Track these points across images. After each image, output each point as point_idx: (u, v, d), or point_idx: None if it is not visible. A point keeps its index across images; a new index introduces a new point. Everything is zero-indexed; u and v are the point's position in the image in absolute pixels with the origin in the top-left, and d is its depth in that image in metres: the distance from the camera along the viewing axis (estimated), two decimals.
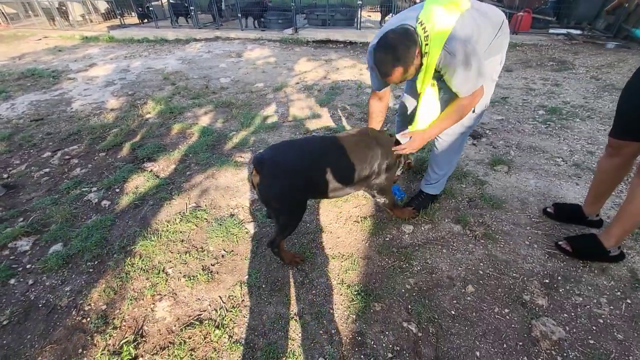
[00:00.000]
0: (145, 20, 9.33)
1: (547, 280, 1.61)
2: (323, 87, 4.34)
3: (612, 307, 1.48)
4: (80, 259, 1.84)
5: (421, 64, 1.48)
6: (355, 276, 1.68)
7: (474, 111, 1.72)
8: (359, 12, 7.24)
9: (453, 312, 1.48)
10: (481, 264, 1.72)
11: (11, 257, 1.88)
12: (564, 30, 6.35)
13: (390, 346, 1.37)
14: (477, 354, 1.33)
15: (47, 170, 2.72)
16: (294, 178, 1.45)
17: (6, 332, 1.49)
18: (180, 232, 2.00)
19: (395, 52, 1.37)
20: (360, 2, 7.03)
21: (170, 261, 1.80)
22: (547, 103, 3.54)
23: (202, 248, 1.88)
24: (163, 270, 1.75)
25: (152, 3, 9.34)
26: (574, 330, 1.39)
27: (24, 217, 2.18)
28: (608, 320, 1.43)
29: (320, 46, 6.79)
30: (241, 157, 2.77)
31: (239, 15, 7.76)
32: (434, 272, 1.69)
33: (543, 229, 1.92)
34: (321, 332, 1.43)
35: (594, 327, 1.40)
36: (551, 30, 6.52)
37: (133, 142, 3.08)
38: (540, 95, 3.78)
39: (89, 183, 2.51)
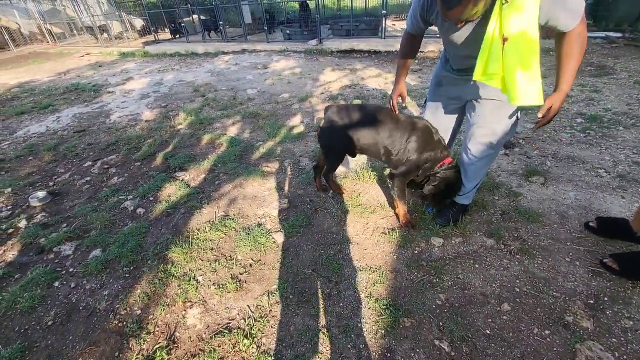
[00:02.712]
0: (178, 36, 9.84)
1: (591, 301, 1.51)
2: (348, 97, 4.36)
3: None
4: (117, 264, 1.92)
5: (493, 2, 1.20)
6: (384, 290, 1.65)
7: (518, 117, 1.62)
8: (384, 22, 7.25)
9: (488, 332, 1.41)
10: (517, 281, 1.64)
11: (56, 261, 2.00)
12: (602, 34, 6.04)
13: None
14: None
15: (88, 179, 2.89)
16: (337, 135, 1.97)
17: (51, 333, 1.58)
18: (210, 240, 2.05)
19: None
20: (384, 11, 7.05)
21: (201, 269, 1.85)
22: (586, 111, 3.36)
23: (231, 257, 1.92)
24: (194, 278, 1.79)
25: (184, 19, 9.84)
26: (625, 357, 1.28)
27: (67, 223, 2.33)
28: None
29: (345, 56, 6.85)
30: (268, 167, 2.82)
31: (265, 27, 8.00)
32: (467, 288, 1.62)
33: (585, 245, 1.80)
34: (350, 346, 1.41)
35: None
36: (588, 34, 6.20)
37: (166, 152, 3.22)
38: (578, 102, 3.59)
39: (126, 191, 2.64)
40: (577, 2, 1.20)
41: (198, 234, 2.10)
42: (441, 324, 1.46)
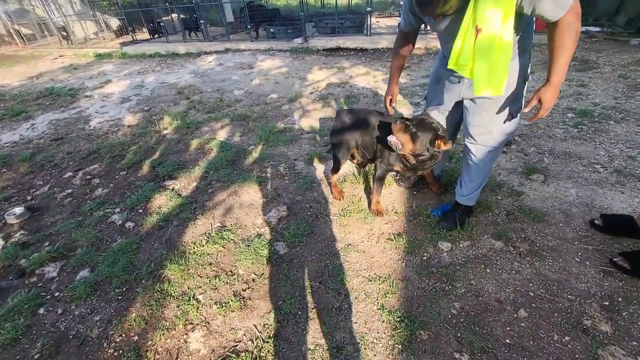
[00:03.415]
0: (156, 36, 9.49)
1: (606, 303, 1.49)
2: (338, 96, 4.28)
3: None
4: (108, 285, 1.78)
5: None
6: (396, 300, 1.58)
7: (513, 116, 1.60)
8: (369, 19, 7.20)
9: (508, 341, 1.37)
10: (530, 284, 1.61)
11: (39, 285, 1.84)
12: (583, 28, 6.17)
13: None
14: None
15: (69, 191, 2.70)
16: (342, 134, 2.11)
17: None
18: (208, 254, 1.93)
19: None
20: (369, 8, 6.99)
21: (200, 287, 1.74)
22: (576, 105, 3.40)
23: (231, 272, 1.81)
24: (193, 297, 1.68)
25: (163, 18, 9.50)
26: None
27: (49, 241, 2.16)
28: None
29: (331, 54, 6.76)
30: (262, 172, 2.71)
31: (249, 26, 7.81)
32: (480, 294, 1.58)
33: (593, 244, 1.79)
34: None
35: None
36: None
37: (152, 159, 3.06)
38: (567, 97, 3.64)
39: (112, 204, 2.48)
40: None
41: (194, 248, 1.98)
42: (459, 334, 1.41)
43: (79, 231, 2.19)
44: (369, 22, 7.19)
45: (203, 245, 1.99)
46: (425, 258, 1.80)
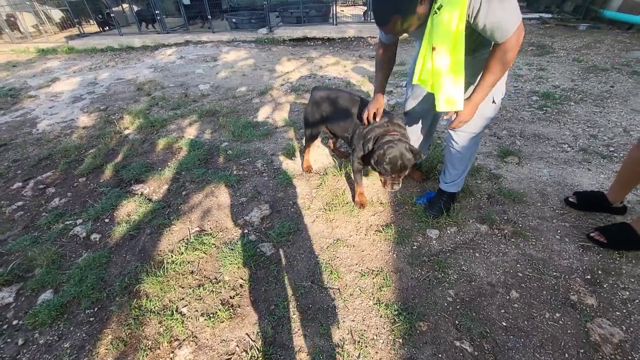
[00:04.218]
0: (107, 28, 8.77)
1: (588, 276, 1.56)
2: (310, 87, 4.17)
3: None
4: (77, 307, 1.60)
5: (429, 12, 1.24)
6: (391, 293, 1.56)
7: (494, 102, 1.62)
8: (334, 7, 7.10)
9: (504, 324, 1.39)
10: (518, 265, 1.64)
11: None
12: (536, 15, 6.49)
13: None
14: None
15: (20, 203, 2.41)
16: (315, 110, 2.17)
17: None
18: (188, 262, 1.80)
19: None
20: None
21: (183, 298, 1.61)
22: (538, 88, 3.56)
23: (216, 279, 1.70)
24: (177, 310, 1.55)
25: (113, 9, 8.77)
26: (631, 329, 1.33)
27: (0, 262, 1.90)
28: None
29: (298, 44, 6.60)
30: (239, 169, 2.57)
31: (209, 16, 7.42)
32: (473, 279, 1.59)
33: (570, 221, 1.87)
34: None
35: None
36: (524, 15, 6.64)
37: (115, 162, 2.81)
38: (529, 81, 3.80)
39: (73, 214, 2.24)
40: (516, 10, 1.20)
41: (172, 257, 1.83)
42: (457, 322, 1.41)
43: (35, 248, 1.95)
44: (334, 11, 7.09)
45: (182, 253, 1.84)
46: (415, 247, 1.79)
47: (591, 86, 3.49)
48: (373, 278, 1.64)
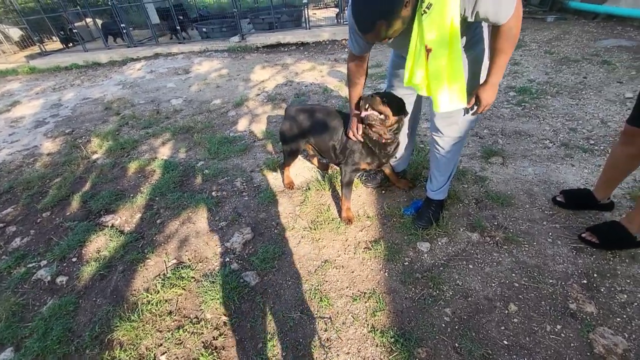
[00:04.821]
0: (70, 45, 8.39)
1: (585, 281, 1.51)
2: (287, 96, 4.07)
3: None
4: None
5: (413, 15, 1.19)
6: (386, 318, 1.47)
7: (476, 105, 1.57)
8: (306, 11, 7.01)
9: (505, 342, 1.32)
10: (513, 274, 1.59)
11: None
12: None
13: None
14: None
15: None
16: (290, 132, 2.10)
17: None
18: (166, 301, 1.66)
19: (376, 2, 1.11)
20: (305, 0, 6.80)
21: (162, 344, 1.47)
22: (515, 83, 3.57)
23: (197, 318, 1.56)
24: (155, 359, 1.41)
25: (75, 24, 8.39)
26: (634, 336, 1.29)
27: None
28: None
29: (272, 51, 6.48)
30: (218, 190, 2.43)
31: (178, 27, 7.20)
32: (469, 294, 1.52)
33: (560, 222, 1.84)
34: None
35: None
36: None
37: (83, 192, 2.61)
38: (505, 76, 3.81)
39: (36, 255, 2.05)
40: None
41: (148, 296, 1.68)
42: (457, 344, 1.33)
43: None
44: (306, 15, 7.00)
45: (158, 291, 1.70)
46: (407, 264, 1.71)
47: (565, 78, 3.53)
48: (365, 302, 1.54)
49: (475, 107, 1.51)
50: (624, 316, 1.36)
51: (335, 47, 6.21)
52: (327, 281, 1.67)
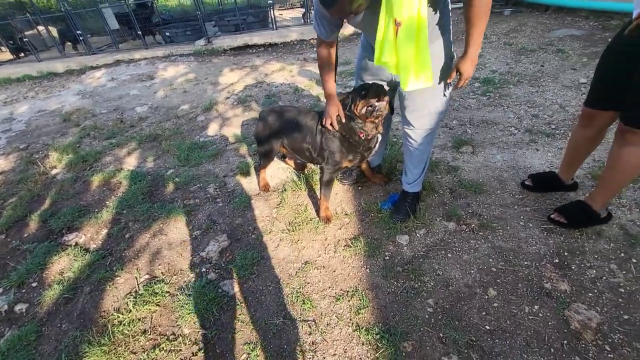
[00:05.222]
0: (22, 55, 7.86)
1: (557, 260, 1.57)
2: (258, 97, 4.00)
3: (624, 272, 1.47)
4: None
5: None
6: (370, 314, 1.45)
7: (445, 95, 1.59)
8: (272, 12, 6.94)
9: (488, 327, 1.34)
10: (490, 260, 1.62)
11: None
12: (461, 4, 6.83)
13: None
14: None
15: None
16: (265, 135, 2.06)
17: None
18: (139, 319, 1.56)
19: None
20: (270, 1, 6.73)
21: None
22: (479, 75, 3.69)
23: (174, 334, 1.48)
24: None
25: (26, 33, 7.86)
26: (605, 309, 1.34)
27: None
28: (628, 287, 1.41)
29: (240, 53, 6.36)
30: (190, 198, 2.34)
31: (139, 32, 6.91)
32: (449, 283, 1.53)
33: (529, 204, 1.90)
34: None
35: (621, 300, 1.37)
36: (453, 6, 6.96)
37: (42, 210, 2.43)
38: None
39: None
40: None
41: (119, 316, 1.58)
42: (441, 334, 1.34)
43: None
44: (272, 16, 6.93)
45: (130, 310, 1.59)
46: (387, 258, 1.70)
47: (524, 67, 3.69)
48: (349, 300, 1.52)
49: (457, 81, 1.49)
50: (595, 291, 1.42)
51: (303, 47, 6.18)
52: (308, 283, 1.63)
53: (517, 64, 3.81)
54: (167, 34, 7.21)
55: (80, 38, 7.09)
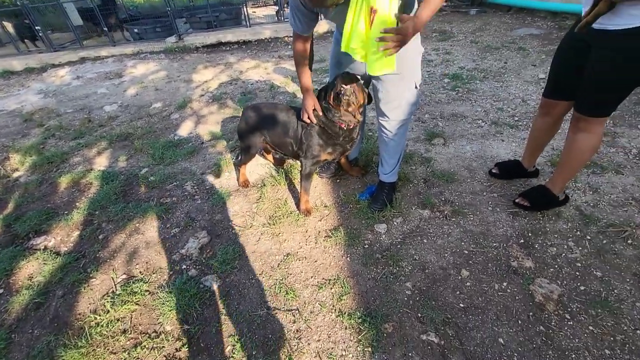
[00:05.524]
0: None
1: (522, 240, 1.68)
2: (233, 95, 3.96)
3: (580, 248, 1.61)
4: None
5: None
6: (352, 300, 1.50)
7: (416, 87, 1.67)
8: (245, 9, 6.86)
9: (462, 305, 1.43)
10: (462, 243, 1.71)
11: None
12: None
13: None
14: (501, 340, 1.29)
15: None
16: (247, 131, 2.06)
17: None
18: (118, 320, 1.52)
19: None
20: None
21: None
22: (448, 71, 3.85)
23: (155, 332, 1.46)
24: None
25: None
26: (565, 282, 1.47)
27: None
28: (584, 262, 1.55)
29: (214, 50, 6.24)
30: (166, 197, 2.29)
31: (105, 28, 6.61)
32: (426, 267, 1.61)
33: (497, 191, 2.02)
34: None
35: (577, 273, 1.50)
36: None
37: (5, 215, 2.29)
38: (438, 65, 4.09)
39: None
40: None
41: (96, 318, 1.53)
42: (419, 314, 1.41)
43: None
44: (245, 13, 6.84)
45: (108, 311, 1.55)
46: (367, 246, 1.76)
47: (490, 64, 3.89)
48: (331, 288, 1.56)
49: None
50: (556, 266, 1.54)
51: (278, 45, 6.16)
52: (291, 274, 1.66)
53: (483, 61, 4.01)
54: (136, 30, 6.95)
55: (40, 34, 6.69)
